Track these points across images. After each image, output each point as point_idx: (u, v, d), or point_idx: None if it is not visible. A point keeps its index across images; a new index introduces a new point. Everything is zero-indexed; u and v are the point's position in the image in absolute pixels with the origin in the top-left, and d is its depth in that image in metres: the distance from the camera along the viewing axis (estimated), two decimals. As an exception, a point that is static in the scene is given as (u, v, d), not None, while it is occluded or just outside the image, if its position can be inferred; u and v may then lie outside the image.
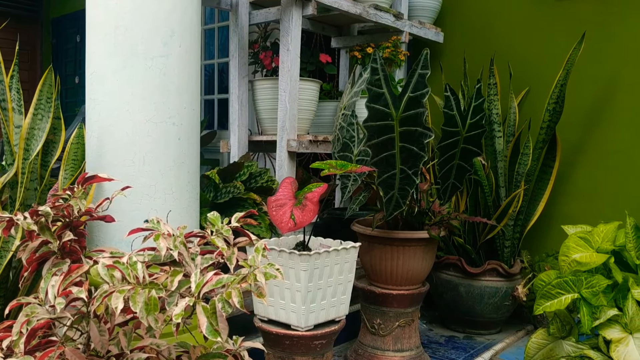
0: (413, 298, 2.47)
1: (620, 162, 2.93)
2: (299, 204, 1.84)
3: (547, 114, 2.86)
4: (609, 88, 2.96)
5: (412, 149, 2.03)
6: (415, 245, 2.41)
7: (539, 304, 2.00)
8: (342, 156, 2.25)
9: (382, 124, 2.00)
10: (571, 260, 2.03)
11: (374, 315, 2.49)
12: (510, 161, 3.03)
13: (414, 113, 1.97)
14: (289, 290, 1.93)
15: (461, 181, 2.32)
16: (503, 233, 2.99)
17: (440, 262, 3.04)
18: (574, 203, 3.07)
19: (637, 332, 1.84)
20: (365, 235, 2.49)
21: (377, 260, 2.46)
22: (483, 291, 2.91)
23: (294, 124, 2.59)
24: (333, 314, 2.03)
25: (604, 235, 2.06)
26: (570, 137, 3.07)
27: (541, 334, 2.08)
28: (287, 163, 2.58)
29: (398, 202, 2.16)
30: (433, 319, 3.25)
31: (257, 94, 2.83)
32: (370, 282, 2.54)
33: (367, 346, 2.52)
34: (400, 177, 2.10)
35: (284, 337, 1.94)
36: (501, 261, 2.99)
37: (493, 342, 2.91)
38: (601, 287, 1.92)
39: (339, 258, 2.00)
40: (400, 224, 2.51)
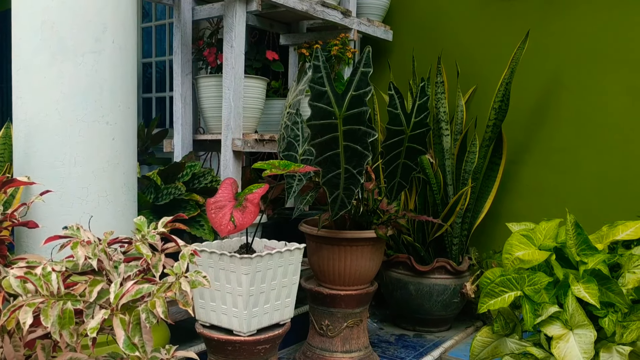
0: (361, 298, 2.45)
1: (563, 160, 2.98)
2: (239, 205, 1.79)
3: (493, 112, 2.89)
4: (553, 86, 3.01)
5: (356, 148, 2.00)
6: (363, 244, 2.39)
7: (483, 302, 2.00)
8: (287, 155, 2.21)
9: (326, 123, 1.96)
10: (514, 258, 2.04)
11: (322, 317, 2.46)
12: (457, 159, 3.05)
13: (357, 112, 1.94)
14: (231, 295, 1.87)
15: (407, 180, 2.31)
16: (451, 231, 3.00)
17: (390, 261, 3.03)
18: (519, 200, 3.12)
19: (578, 329, 1.85)
20: (312, 235, 2.45)
21: (324, 261, 2.42)
22: (432, 289, 2.91)
23: (239, 123, 2.53)
24: (277, 317, 1.98)
25: (545, 233, 2.08)
26: (516, 135, 3.10)
27: (486, 332, 2.08)
28: (233, 163, 2.51)
29: (343, 201, 2.13)
30: (384, 318, 3.25)
31: (201, 92, 2.75)
32: (318, 283, 2.51)
33: (316, 348, 2.48)
34: (345, 176, 2.06)
35: (226, 342, 1.88)
36: (450, 259, 3.01)
37: (443, 339, 2.92)
38: (543, 284, 1.94)
39: (283, 260, 1.95)
40: (348, 223, 2.48)
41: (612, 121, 2.84)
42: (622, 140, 2.81)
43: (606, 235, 2.12)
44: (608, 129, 2.85)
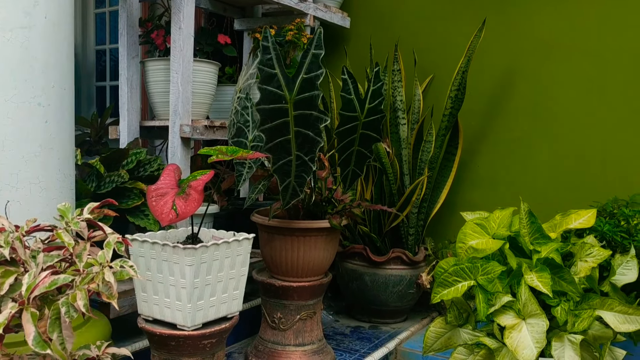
0: (315, 290, 2.38)
1: (518, 150, 2.97)
2: (182, 193, 1.69)
3: (450, 101, 2.86)
4: (509, 75, 3.00)
5: (307, 133, 1.93)
6: (316, 235, 2.32)
7: (436, 292, 1.96)
8: (236, 142, 2.11)
9: (276, 107, 1.88)
10: (468, 247, 2.01)
11: (275, 309, 2.38)
12: (414, 149, 3.01)
13: (308, 96, 1.86)
14: (174, 287, 1.78)
15: (362, 168, 2.25)
16: (407, 221, 2.96)
17: (346, 252, 2.97)
18: (475, 190, 3.10)
19: (530, 318, 1.83)
20: (264, 226, 2.36)
21: (277, 252, 2.34)
22: (388, 280, 2.87)
23: (188, 108, 2.42)
24: (224, 310, 1.89)
25: (499, 222, 2.05)
26: (472, 124, 3.09)
27: (439, 323, 2.05)
28: (181, 150, 2.41)
29: (295, 190, 2.05)
30: (340, 310, 3.19)
31: (149, 76, 2.63)
32: (270, 275, 2.43)
33: (268, 341, 2.40)
34: (296, 163, 1.99)
35: (169, 337, 1.78)
36: (406, 249, 2.97)
37: (398, 331, 2.88)
38: (496, 273, 1.91)
39: (231, 251, 1.87)
40: (301, 213, 2.41)
41: (566, 111, 2.85)
42: (576, 129, 2.82)
43: (559, 224, 2.10)
44: (562, 118, 2.86)
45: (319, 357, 2.39)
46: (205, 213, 1.95)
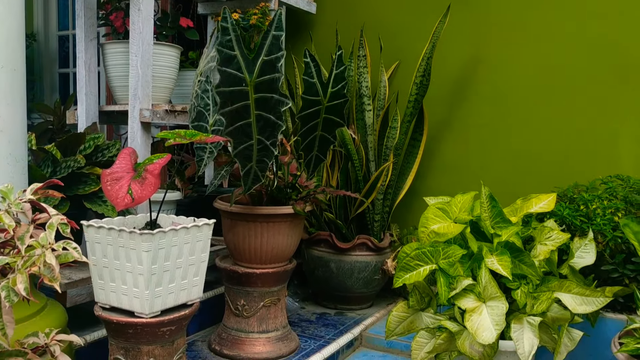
0: (279, 276, 2.36)
1: (482, 136, 2.99)
2: (138, 177, 1.64)
3: (415, 87, 2.85)
4: (473, 62, 3.01)
5: (269, 117, 1.90)
6: (280, 221, 2.30)
7: (398, 277, 1.97)
8: (197, 126, 2.07)
9: (236, 90, 1.84)
10: (430, 231, 2.01)
11: (238, 296, 2.36)
12: (379, 135, 3.00)
13: (269, 78, 1.83)
14: (131, 274, 1.73)
15: (325, 153, 2.23)
16: (373, 207, 2.96)
17: (311, 239, 2.96)
18: (440, 176, 3.11)
19: (490, 301, 1.85)
20: (227, 212, 2.33)
21: (240, 239, 2.31)
22: (353, 266, 2.87)
23: (148, 92, 2.36)
24: (184, 297, 1.86)
25: (461, 206, 2.06)
26: (437, 111, 3.09)
27: (402, 307, 2.05)
28: (140, 135, 2.35)
29: (257, 175, 2.02)
30: (306, 297, 3.18)
31: (107, 59, 2.56)
32: (234, 262, 2.40)
33: (231, 329, 2.38)
34: (257, 147, 1.96)
35: (127, 325, 1.74)
36: (371, 235, 2.97)
37: (364, 317, 2.88)
38: (457, 257, 1.92)
39: (190, 237, 1.83)
40: (264, 199, 2.38)
41: (528, 97, 2.87)
42: (538, 116, 2.85)
43: (520, 208, 2.13)
44: (524, 105, 2.88)
45: (284, 344, 2.38)
46: (164, 199, 1.91)
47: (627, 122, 2.66)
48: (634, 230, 1.83)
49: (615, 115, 2.68)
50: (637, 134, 2.64)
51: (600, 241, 2.18)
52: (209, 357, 2.35)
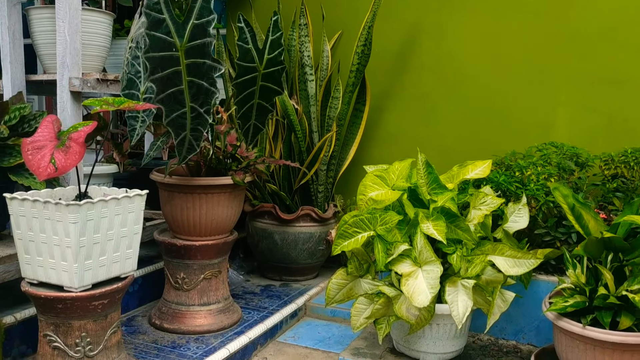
0: (219, 248, 2.33)
1: (424, 106, 3.01)
2: (61, 145, 1.57)
3: (356, 57, 2.83)
4: (414, 32, 3.01)
5: (201, 84, 1.84)
6: (219, 192, 2.26)
7: (337, 244, 1.97)
8: (128, 94, 2.00)
9: (166, 55, 1.78)
10: (368, 198, 2.02)
11: (178, 270, 2.32)
12: (322, 105, 2.98)
13: (200, 43, 1.77)
14: (59, 247, 1.67)
15: (263, 122, 2.19)
16: (317, 178, 2.95)
17: (255, 211, 2.93)
18: (384, 146, 3.13)
19: (426, 265, 1.87)
20: (163, 184, 2.27)
21: (177, 211, 2.26)
22: (297, 237, 2.86)
23: (77, 60, 2.25)
24: (117, 270, 1.80)
25: (398, 173, 2.07)
26: (380, 81, 3.09)
27: (341, 275, 2.06)
28: (71, 105, 2.25)
29: (191, 144, 1.97)
30: (252, 270, 3.17)
31: (33, 26, 2.42)
32: (173, 235, 2.35)
33: (171, 303, 2.34)
34: (191, 116, 1.90)
35: (55, 300, 1.68)
36: (315, 206, 2.97)
37: (309, 287, 2.89)
38: (394, 223, 1.93)
39: (121, 208, 1.77)
40: (203, 170, 2.34)
41: (468, 67, 2.90)
42: (478, 85, 2.89)
43: (457, 174, 2.15)
44: (465, 74, 2.91)
45: (226, 316, 2.36)
46: (93, 169, 1.83)
47: (562, 90, 2.72)
48: (564, 193, 1.88)
49: (552, 83, 2.74)
50: (572, 102, 2.70)
51: (534, 206, 2.23)
52: (149, 332, 2.31)
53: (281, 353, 2.33)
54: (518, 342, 2.28)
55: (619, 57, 2.59)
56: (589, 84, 2.66)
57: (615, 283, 1.81)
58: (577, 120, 2.70)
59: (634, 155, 2.32)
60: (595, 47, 2.64)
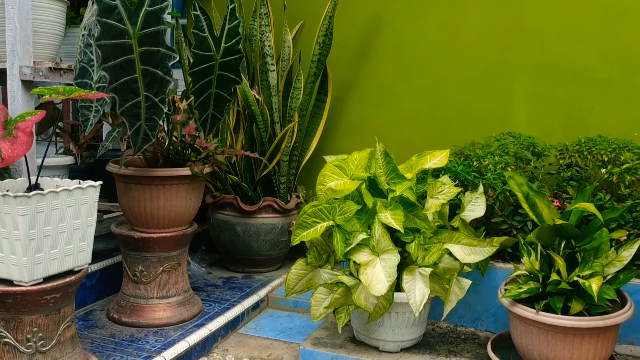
0: (178, 240, 2.30)
1: (385, 96, 3.02)
2: (8, 135, 1.52)
3: (317, 47, 2.82)
4: (375, 23, 3.01)
5: (156, 72, 1.81)
6: (177, 183, 2.22)
7: (296, 234, 1.96)
8: (80, 83, 1.95)
9: (119, 43, 1.74)
10: (327, 188, 2.02)
11: (136, 262, 2.28)
12: (283, 96, 2.97)
13: (154, 30, 1.74)
14: (7, 240, 1.62)
15: (222, 112, 2.17)
16: (279, 169, 2.94)
17: (216, 202, 2.90)
18: (347, 137, 3.13)
19: (384, 254, 1.88)
20: (120, 175, 2.23)
21: (135, 202, 2.22)
22: (259, 229, 2.85)
23: (28, 48, 2.18)
24: (70, 263, 1.76)
25: (357, 163, 2.07)
26: (342, 72, 3.09)
27: (300, 265, 2.06)
28: (22, 95, 2.18)
29: (147, 134, 1.93)
30: (214, 262, 3.14)
31: (-18, 12, 2.34)
32: (131, 227, 2.31)
33: (130, 296, 2.30)
34: (145, 105, 1.87)
35: (5, 295, 1.64)
36: (278, 197, 2.96)
37: (271, 279, 2.89)
38: (352, 212, 1.93)
39: (74, 200, 1.73)
40: (161, 161, 2.30)
41: (428, 59, 2.92)
42: (438, 77, 2.91)
43: (415, 164, 2.17)
44: (425, 66, 2.93)
45: (185, 309, 2.34)
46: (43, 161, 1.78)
47: (520, 81, 2.76)
48: (518, 182, 1.92)
49: (509, 74, 2.78)
50: (529, 92, 2.75)
51: (491, 195, 2.27)
52: (107, 326, 2.27)
53: (242, 344, 2.32)
54: (476, 329, 2.32)
55: (574, 48, 2.64)
56: (545, 75, 2.71)
57: (568, 269, 1.86)
58: (534, 110, 2.74)
59: (587, 145, 2.37)
60: (551, 38, 2.68)
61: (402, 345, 2.08)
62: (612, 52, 2.59)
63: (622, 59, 2.57)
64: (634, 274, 1.86)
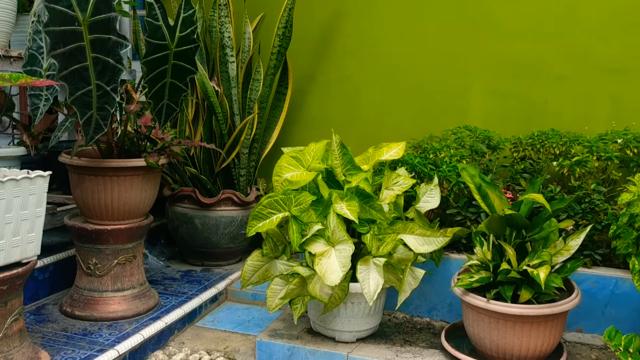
0: (133, 232, 2.26)
1: (346, 90, 3.03)
2: (-51, 122, 1.47)
3: (277, 39, 2.81)
4: (336, 16, 3.01)
5: (107, 60, 1.77)
6: (132, 174, 2.19)
7: (251, 225, 1.96)
8: (29, 71, 1.90)
9: (68, 30, 1.70)
10: (283, 179, 2.02)
11: (89, 255, 2.24)
12: (243, 88, 2.95)
13: (105, 18, 1.71)
14: (-50, 231, 1.57)
15: (177, 102, 2.14)
16: (239, 161, 2.92)
17: (174, 195, 2.87)
18: (307, 130, 3.13)
19: (339, 244, 1.89)
20: (73, 166, 2.19)
21: (88, 194, 2.18)
22: (219, 221, 2.83)
23: (-24, 35, 2.12)
24: (17, 255, 1.72)
25: (314, 154, 2.07)
26: (303, 64, 3.08)
27: (256, 256, 2.05)
28: (-31, 82, 2.11)
29: (99, 123, 1.90)
30: (174, 256, 3.11)
31: None
32: (85, 219, 2.27)
33: (84, 289, 2.26)
34: (97, 94, 1.83)
35: (-53, 287, 1.59)
36: (237, 190, 2.94)
37: (230, 272, 2.87)
38: (307, 203, 1.94)
39: (21, 190, 1.69)
40: (115, 151, 2.26)
41: (388, 53, 2.94)
42: (398, 70, 2.93)
43: (372, 156, 2.18)
44: (385, 60, 2.95)
45: (141, 302, 2.31)
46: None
47: (477, 75, 2.80)
48: (471, 173, 1.95)
49: (467, 68, 2.81)
50: (486, 87, 2.79)
51: (446, 187, 2.30)
52: (60, 320, 2.23)
53: (199, 337, 2.31)
54: (432, 319, 2.36)
55: (531, 43, 2.69)
56: (502, 70, 2.75)
57: (518, 259, 1.90)
58: (491, 104, 2.79)
59: (540, 138, 2.43)
60: (508, 33, 2.73)
61: (358, 336, 2.10)
62: (567, 48, 2.65)
63: (577, 55, 2.64)
64: (580, 263, 1.92)
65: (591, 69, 2.62)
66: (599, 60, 2.60)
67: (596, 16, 2.59)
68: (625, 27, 2.55)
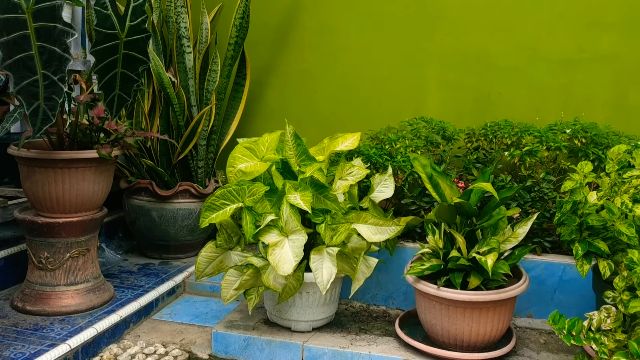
0: (86, 225, 2.23)
1: (305, 82, 3.04)
2: None
3: (235, 30, 2.80)
4: (294, 8, 3.01)
5: (53, 49, 1.74)
6: (83, 166, 2.16)
7: (204, 217, 1.95)
8: (-27, 60, 1.84)
9: (11, 18, 1.66)
10: (237, 170, 2.01)
11: (41, 249, 2.20)
12: (200, 79, 2.92)
13: (49, 5, 1.67)
14: None
15: (129, 93, 2.11)
16: (197, 153, 2.90)
17: (131, 187, 2.83)
18: (266, 121, 3.12)
19: (292, 234, 1.90)
20: (22, 158, 2.14)
21: (39, 186, 2.14)
22: (176, 214, 2.80)
23: None
24: (-40, 249, 1.68)
25: (268, 145, 2.08)
26: (262, 55, 3.07)
27: (210, 247, 2.05)
28: None
29: (46, 114, 1.85)
30: (131, 249, 3.07)
31: None
32: (36, 213, 2.22)
33: (35, 284, 2.22)
34: (44, 84, 1.79)
35: None
36: (196, 182, 2.92)
37: (188, 264, 2.85)
38: (260, 194, 1.94)
39: (-37, 181, 1.64)
40: (66, 143, 2.22)
41: (347, 45, 2.95)
42: (356, 63, 2.95)
43: (327, 147, 2.20)
44: (343, 52, 2.96)
45: (95, 295, 2.28)
46: None
47: (433, 68, 2.84)
48: (422, 163, 1.98)
49: (423, 61, 2.85)
50: (441, 79, 2.83)
51: (401, 177, 2.33)
52: (10, 315, 2.19)
53: (155, 330, 2.29)
54: (388, 308, 2.39)
55: (485, 36, 2.74)
56: (457, 62, 2.80)
57: (468, 246, 1.94)
58: (446, 96, 2.83)
59: (492, 129, 2.48)
60: (462, 26, 2.77)
61: (314, 325, 2.12)
62: (520, 40, 2.70)
63: (529, 47, 2.70)
64: (527, 250, 1.97)
65: (542, 61, 2.69)
66: (549, 52, 2.67)
67: (546, 11, 2.65)
68: (574, 21, 2.62)
